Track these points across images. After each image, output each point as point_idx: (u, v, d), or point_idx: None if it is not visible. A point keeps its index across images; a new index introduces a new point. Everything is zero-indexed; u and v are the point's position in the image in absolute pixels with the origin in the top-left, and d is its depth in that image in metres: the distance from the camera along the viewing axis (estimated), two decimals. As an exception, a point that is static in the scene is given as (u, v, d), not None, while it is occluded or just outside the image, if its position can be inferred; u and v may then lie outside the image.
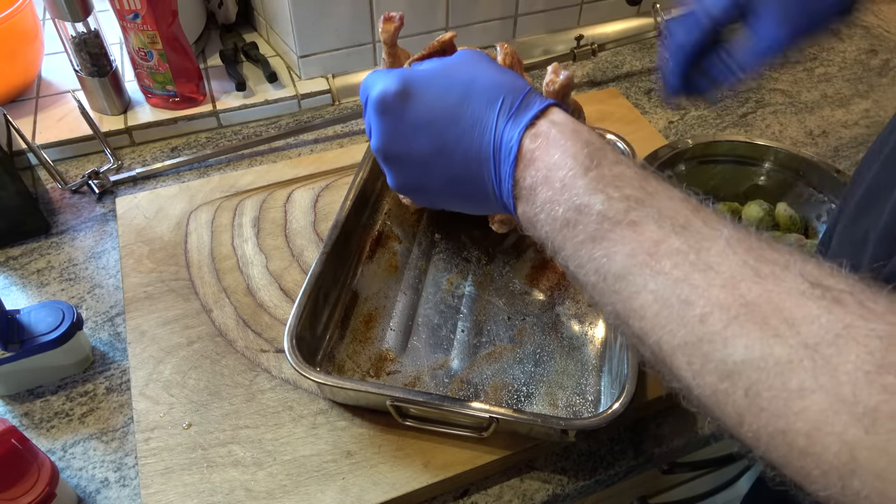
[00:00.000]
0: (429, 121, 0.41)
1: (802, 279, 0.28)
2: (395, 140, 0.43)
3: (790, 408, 0.26)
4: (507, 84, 0.41)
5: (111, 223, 0.73)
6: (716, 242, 0.31)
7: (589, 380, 0.57)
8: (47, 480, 0.47)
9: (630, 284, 0.32)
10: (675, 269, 0.31)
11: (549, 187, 0.36)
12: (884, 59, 1.04)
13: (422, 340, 0.60)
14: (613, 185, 0.34)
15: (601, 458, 0.56)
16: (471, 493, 0.54)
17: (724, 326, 0.29)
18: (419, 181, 0.45)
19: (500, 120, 0.39)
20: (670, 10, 1.01)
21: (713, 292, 0.29)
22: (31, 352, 0.55)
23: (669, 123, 0.90)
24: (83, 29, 0.75)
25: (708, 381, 0.29)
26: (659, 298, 0.31)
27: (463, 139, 0.41)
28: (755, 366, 0.27)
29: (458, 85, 0.41)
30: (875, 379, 0.25)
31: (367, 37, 0.88)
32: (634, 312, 0.33)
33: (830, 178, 0.68)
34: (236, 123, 0.87)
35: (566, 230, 0.35)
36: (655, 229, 0.32)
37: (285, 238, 0.69)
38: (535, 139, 0.38)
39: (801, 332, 0.27)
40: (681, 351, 0.30)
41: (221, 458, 0.52)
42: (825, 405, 0.25)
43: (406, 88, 0.42)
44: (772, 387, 0.27)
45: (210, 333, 0.60)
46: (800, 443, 0.26)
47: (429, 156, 0.42)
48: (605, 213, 0.34)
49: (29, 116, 0.82)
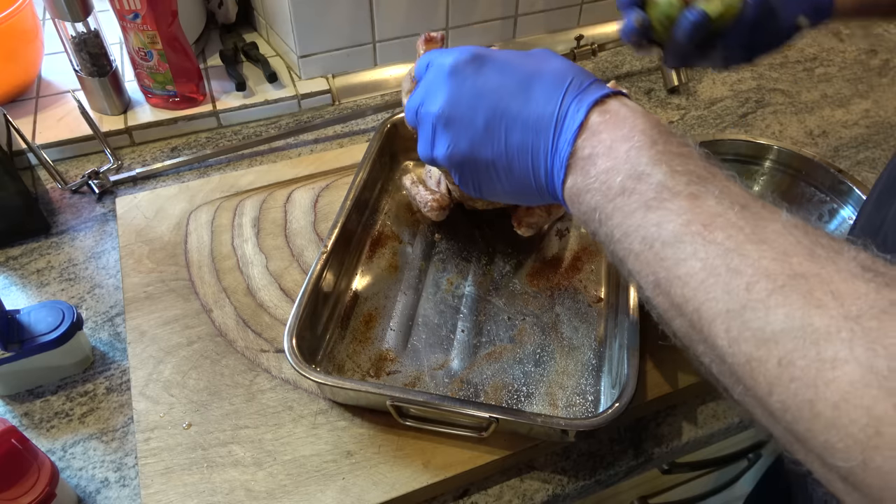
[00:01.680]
0: (497, 87, 0.43)
1: (855, 263, 0.28)
2: (460, 103, 0.44)
3: (821, 377, 0.26)
4: (576, 68, 0.42)
5: (111, 223, 0.73)
6: (773, 223, 0.31)
7: (589, 380, 0.57)
8: (47, 480, 0.47)
9: (679, 251, 0.33)
10: (729, 240, 0.31)
11: (611, 157, 0.37)
12: (884, 59, 1.04)
13: (422, 340, 0.60)
14: (679, 160, 0.35)
15: (601, 458, 0.56)
16: (471, 493, 0.54)
17: (769, 295, 0.29)
18: (472, 149, 0.45)
19: (567, 95, 0.41)
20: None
21: (763, 263, 0.30)
22: (31, 352, 0.55)
23: (669, 123, 0.90)
24: (83, 29, 0.75)
25: (743, 348, 0.29)
26: (707, 266, 0.31)
27: (526, 108, 0.42)
28: (793, 335, 0.27)
29: (529, 62, 0.43)
30: None
31: (367, 37, 0.88)
32: (679, 279, 0.33)
33: (831, 178, 0.68)
34: (236, 123, 0.87)
35: (620, 198, 0.36)
36: (714, 204, 0.33)
37: (285, 238, 0.69)
38: (604, 114, 0.39)
39: (846, 304, 0.27)
40: (721, 318, 0.30)
41: (221, 458, 0.52)
42: (857, 377, 0.25)
43: (480, 56, 0.44)
44: (806, 356, 0.27)
45: (210, 333, 0.60)
46: (827, 414, 0.26)
47: (489, 122, 0.43)
48: (665, 184, 0.34)
49: (29, 116, 0.82)
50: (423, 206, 0.64)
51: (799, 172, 0.71)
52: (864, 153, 0.87)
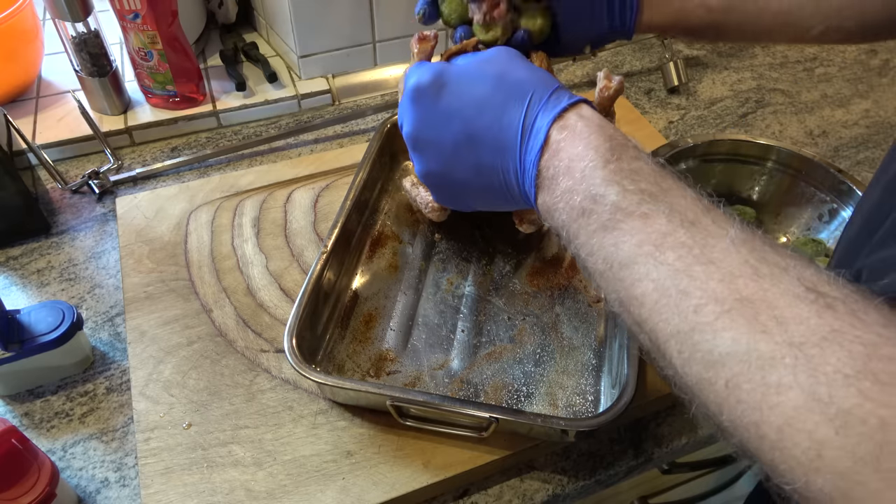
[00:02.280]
0: (459, 109, 0.43)
1: (799, 283, 0.29)
2: (426, 127, 0.45)
3: (766, 401, 0.27)
4: (537, 79, 0.42)
5: (111, 223, 0.73)
6: (721, 240, 0.32)
7: (589, 380, 0.57)
8: (47, 480, 0.47)
9: (634, 273, 0.34)
10: (678, 261, 0.32)
11: (570, 177, 0.38)
12: (884, 59, 1.04)
13: (422, 340, 0.60)
14: (630, 179, 0.36)
15: (601, 458, 0.56)
16: (471, 493, 0.54)
17: (716, 318, 0.30)
18: (446, 169, 0.46)
19: (529, 112, 0.41)
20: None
21: (710, 285, 0.30)
22: (31, 352, 0.55)
23: (669, 123, 0.90)
24: (83, 29, 0.75)
25: (694, 369, 0.31)
26: (659, 287, 0.32)
27: (491, 128, 0.42)
28: (739, 358, 0.28)
29: (490, 78, 0.43)
30: (853, 383, 0.25)
31: (367, 37, 0.88)
32: (635, 300, 0.34)
33: (831, 178, 0.68)
34: (236, 123, 0.87)
35: (581, 219, 0.37)
36: (665, 223, 0.33)
37: (285, 238, 0.69)
38: (562, 131, 0.39)
39: (789, 330, 0.27)
40: (673, 339, 0.31)
41: (221, 458, 0.52)
42: (800, 402, 0.26)
43: (440, 79, 0.44)
44: (751, 380, 0.28)
45: (210, 333, 0.60)
46: (771, 436, 0.27)
47: (457, 143, 0.44)
48: (619, 204, 0.35)
49: (29, 116, 0.82)
50: (424, 208, 0.64)
51: (799, 172, 0.71)
52: (864, 153, 0.87)
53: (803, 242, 0.68)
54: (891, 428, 0.24)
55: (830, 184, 0.69)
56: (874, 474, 0.24)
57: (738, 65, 1.00)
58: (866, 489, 0.24)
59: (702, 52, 1.02)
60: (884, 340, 0.26)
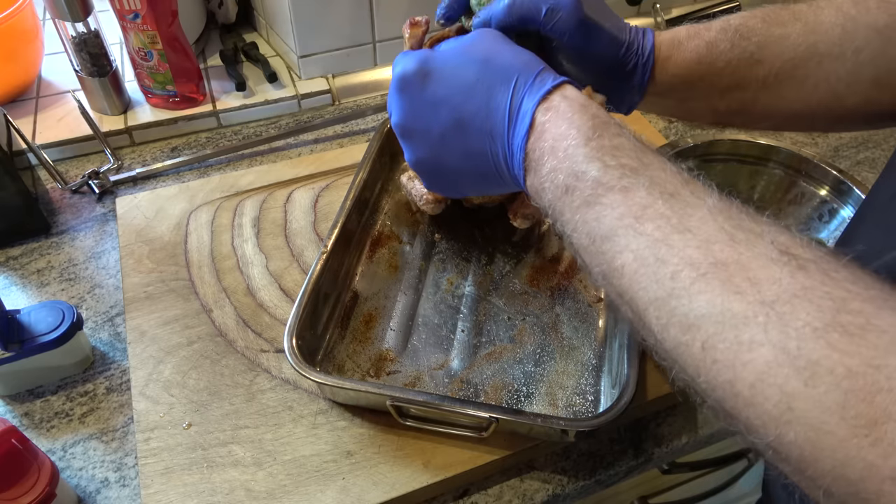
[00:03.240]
0: (446, 97, 0.43)
1: (773, 246, 0.30)
2: (413, 116, 0.45)
3: (739, 359, 0.28)
4: (522, 62, 0.42)
5: (111, 223, 0.73)
6: (699, 210, 0.33)
7: (589, 380, 0.57)
8: (47, 480, 0.47)
9: (615, 245, 0.34)
10: (657, 231, 0.33)
11: (554, 156, 0.38)
12: (884, 59, 1.03)
13: (422, 340, 0.60)
14: (611, 154, 0.36)
15: (601, 458, 0.56)
16: (471, 493, 0.54)
17: (691, 283, 0.30)
18: (436, 157, 0.47)
19: (515, 95, 0.41)
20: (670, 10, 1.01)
21: (687, 252, 0.31)
22: (31, 352, 0.55)
23: (669, 123, 0.90)
24: (83, 29, 0.75)
25: (672, 333, 0.31)
26: (638, 257, 0.33)
27: (478, 114, 0.42)
28: (714, 320, 0.29)
29: (475, 63, 0.43)
30: (821, 335, 0.26)
31: (367, 37, 0.88)
32: (616, 271, 0.35)
33: (831, 178, 0.69)
34: (236, 123, 0.87)
35: (565, 196, 0.37)
36: (644, 195, 0.34)
37: (285, 238, 0.69)
38: (547, 112, 0.40)
39: (762, 290, 0.28)
40: (652, 306, 0.32)
41: (221, 458, 0.52)
42: (770, 357, 0.27)
43: (424, 67, 0.44)
44: (725, 339, 0.29)
45: (210, 333, 0.60)
46: (745, 393, 0.28)
47: (445, 131, 0.44)
48: (600, 180, 0.36)
49: (29, 116, 0.82)
50: (419, 200, 0.64)
51: (799, 172, 0.71)
52: (864, 153, 0.87)
53: (803, 242, 0.68)
54: (857, 376, 0.25)
55: (830, 184, 0.69)
56: (841, 422, 0.25)
57: (738, 65, 1.00)
58: (834, 438, 0.25)
59: (702, 52, 1.02)
60: (852, 295, 0.27)
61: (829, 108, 0.48)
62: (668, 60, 0.49)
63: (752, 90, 0.49)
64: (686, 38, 0.49)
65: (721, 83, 0.49)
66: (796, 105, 0.49)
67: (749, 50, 0.48)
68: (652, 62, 0.49)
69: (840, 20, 0.46)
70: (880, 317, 0.26)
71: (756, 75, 0.48)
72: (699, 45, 0.49)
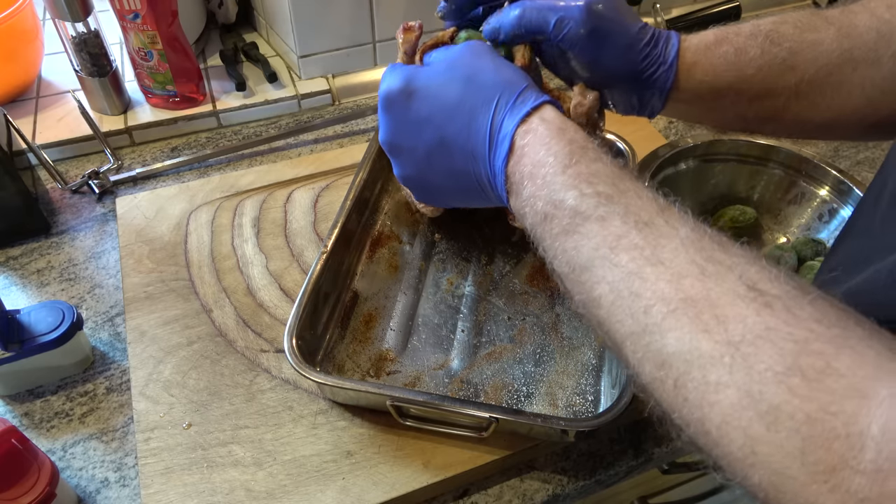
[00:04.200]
0: (429, 117, 0.43)
1: (741, 281, 0.30)
2: (398, 134, 0.46)
3: (706, 400, 0.28)
4: (503, 81, 0.42)
5: (111, 223, 0.73)
6: (671, 240, 0.33)
7: (589, 380, 0.57)
8: (47, 480, 0.47)
9: (592, 275, 0.35)
10: (631, 263, 0.33)
11: (533, 182, 0.38)
12: (884, 59, 1.03)
13: (422, 340, 0.60)
14: (587, 182, 0.36)
15: (601, 458, 0.56)
16: (471, 493, 0.54)
17: (663, 318, 0.31)
18: (422, 174, 0.47)
19: (496, 117, 0.41)
20: (670, 10, 1.01)
21: (659, 286, 0.31)
22: (31, 352, 0.55)
23: (669, 123, 0.90)
24: (83, 29, 0.75)
25: (647, 369, 0.32)
26: (614, 289, 0.33)
27: (461, 135, 0.43)
28: (683, 358, 0.29)
29: (458, 82, 0.43)
30: (782, 380, 0.26)
31: (367, 37, 0.88)
32: (594, 302, 0.35)
33: (831, 178, 0.69)
34: (236, 123, 0.87)
35: (545, 223, 0.38)
36: (619, 224, 0.34)
37: (285, 238, 0.69)
38: (525, 135, 0.40)
39: (729, 329, 0.28)
40: (628, 340, 0.33)
41: (221, 458, 0.52)
42: (735, 400, 0.27)
43: (409, 86, 0.44)
44: (694, 378, 0.29)
45: (210, 333, 0.60)
46: (713, 433, 0.28)
47: (430, 149, 0.45)
48: (577, 209, 0.36)
49: (29, 116, 0.82)
50: (417, 202, 0.64)
51: (799, 172, 0.71)
52: (864, 153, 0.87)
53: (803, 242, 0.68)
54: (815, 422, 0.25)
55: (830, 184, 0.69)
56: (801, 468, 0.25)
57: (738, 65, 1.00)
58: (796, 483, 0.25)
59: (702, 52, 1.02)
60: (815, 336, 0.27)
61: (862, 115, 0.47)
62: (694, 66, 0.47)
63: (783, 98, 0.47)
64: (714, 44, 0.47)
65: (751, 90, 0.47)
66: (829, 112, 0.47)
67: (781, 56, 0.46)
68: (675, 69, 0.47)
69: (875, 24, 0.44)
70: (840, 359, 0.26)
71: (788, 82, 0.46)
72: (728, 52, 0.47)
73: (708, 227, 0.34)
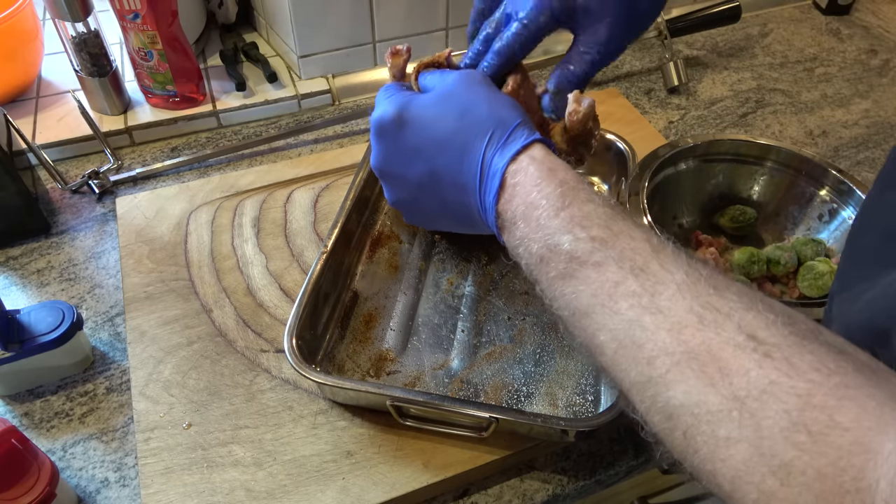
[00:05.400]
0: (421, 148, 0.43)
1: (740, 331, 0.30)
2: (390, 162, 0.46)
3: (717, 454, 0.29)
4: (497, 117, 0.42)
5: (111, 223, 0.73)
6: (668, 287, 0.33)
7: (589, 380, 0.57)
8: (47, 480, 0.47)
9: (593, 322, 0.35)
10: (630, 311, 0.33)
11: (527, 224, 0.39)
12: (884, 59, 1.04)
13: (422, 340, 0.60)
14: (581, 226, 0.37)
15: (601, 458, 0.56)
16: (471, 493, 0.54)
17: (667, 371, 0.31)
18: (413, 201, 0.47)
19: (487, 152, 0.41)
20: (670, 10, 1.01)
21: (660, 336, 0.32)
22: (31, 352, 0.55)
23: (669, 123, 0.90)
24: (83, 29, 0.75)
25: (655, 419, 0.32)
26: (615, 338, 0.34)
27: (452, 168, 0.43)
28: (691, 411, 0.30)
29: (452, 115, 0.43)
30: (789, 436, 0.27)
31: (367, 37, 0.88)
32: (597, 348, 0.35)
33: (831, 178, 0.69)
34: (236, 123, 0.87)
35: (541, 265, 0.38)
36: (616, 270, 0.34)
37: (285, 238, 0.69)
38: (516, 175, 0.40)
39: (733, 383, 0.29)
40: (635, 389, 0.33)
41: (221, 458, 0.52)
42: (747, 455, 0.28)
43: (402, 115, 0.44)
44: (704, 432, 0.29)
45: (210, 333, 0.60)
46: (726, 487, 0.29)
47: (421, 179, 0.45)
48: (573, 253, 0.36)
49: (29, 116, 0.82)
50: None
51: (799, 172, 0.71)
52: (864, 153, 0.87)
53: (803, 242, 0.68)
54: (825, 478, 0.26)
55: (830, 184, 0.69)
56: None
57: (738, 65, 1.00)
58: None
59: (702, 52, 1.02)
60: (816, 387, 0.27)
61: None
62: None
63: None
64: None
65: None
66: None
67: None
68: None
69: None
70: (842, 412, 0.26)
71: None
72: None
73: (702, 266, 0.34)
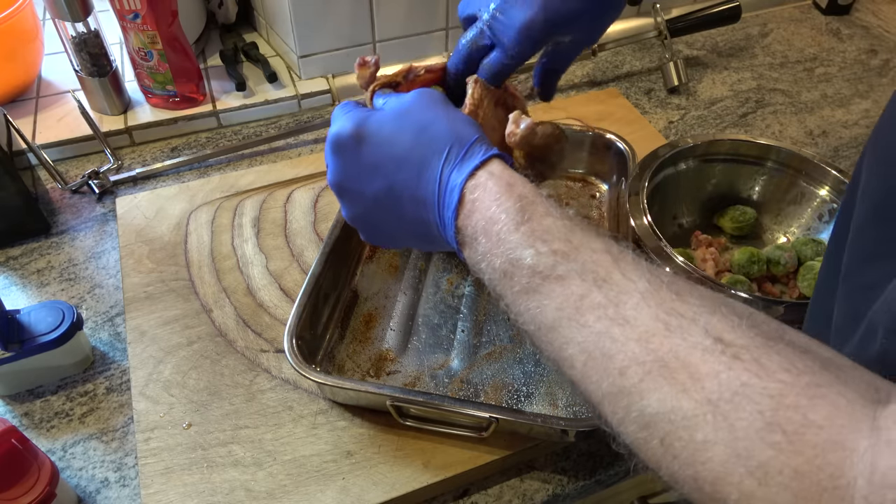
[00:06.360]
0: (379, 164, 0.43)
1: (706, 334, 0.30)
2: (347, 178, 0.45)
3: (697, 458, 0.29)
4: (454, 133, 0.42)
5: (111, 223, 0.73)
6: (632, 296, 0.33)
7: (589, 380, 0.57)
8: (47, 480, 0.47)
9: (560, 336, 0.35)
10: (598, 323, 0.33)
11: (488, 239, 0.39)
12: (884, 59, 1.04)
13: (422, 340, 0.60)
14: (542, 240, 0.37)
15: (601, 458, 0.56)
16: (471, 493, 0.54)
17: (640, 380, 0.31)
18: (371, 217, 0.47)
19: (445, 169, 0.41)
20: (670, 10, 1.01)
21: (630, 346, 0.32)
22: (31, 352, 0.55)
23: (669, 123, 0.90)
24: (83, 29, 0.75)
25: (630, 429, 0.32)
26: (584, 350, 0.34)
27: (410, 184, 0.43)
28: (667, 418, 0.30)
29: (409, 132, 0.43)
30: (764, 436, 0.27)
31: (367, 37, 0.88)
32: (566, 362, 0.35)
33: (831, 178, 0.69)
34: (236, 123, 0.87)
35: (505, 280, 0.38)
36: (579, 283, 0.35)
37: (285, 238, 0.69)
38: (474, 190, 0.40)
39: (705, 387, 0.29)
40: (607, 400, 0.33)
41: (221, 458, 0.52)
42: (725, 457, 0.28)
43: (359, 132, 0.44)
44: (681, 437, 0.30)
45: (210, 333, 0.60)
46: (707, 489, 0.29)
47: (379, 196, 0.44)
48: (535, 268, 0.36)
49: (29, 116, 0.82)
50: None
51: (799, 172, 0.71)
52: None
53: (803, 242, 0.68)
54: (802, 476, 0.26)
55: (830, 184, 0.69)
56: None
57: (738, 65, 1.00)
58: None
59: (702, 52, 1.02)
60: (787, 387, 0.28)
61: None
62: None
63: None
64: None
65: None
66: None
67: None
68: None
69: None
70: (815, 410, 0.27)
71: None
72: None
73: (662, 272, 0.34)
